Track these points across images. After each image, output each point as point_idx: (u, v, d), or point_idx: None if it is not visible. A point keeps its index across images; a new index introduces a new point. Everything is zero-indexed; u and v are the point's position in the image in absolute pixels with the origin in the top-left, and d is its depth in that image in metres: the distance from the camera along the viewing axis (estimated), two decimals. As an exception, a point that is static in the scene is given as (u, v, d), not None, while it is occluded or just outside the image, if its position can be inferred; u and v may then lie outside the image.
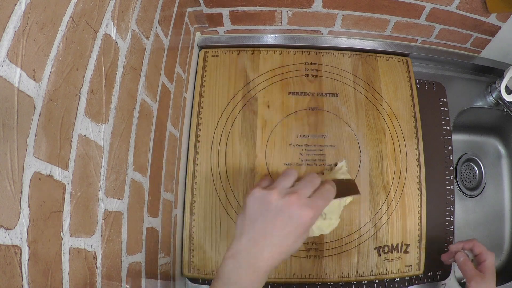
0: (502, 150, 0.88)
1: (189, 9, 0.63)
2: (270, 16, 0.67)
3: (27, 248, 0.25)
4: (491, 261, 0.54)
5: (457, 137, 0.86)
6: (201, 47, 0.72)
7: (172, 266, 0.58)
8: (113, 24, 0.37)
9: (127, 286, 0.41)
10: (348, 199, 0.60)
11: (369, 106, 0.68)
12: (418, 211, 0.64)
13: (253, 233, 0.38)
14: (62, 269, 0.29)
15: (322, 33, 0.72)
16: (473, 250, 0.56)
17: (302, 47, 0.72)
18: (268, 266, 0.38)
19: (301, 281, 0.61)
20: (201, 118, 0.66)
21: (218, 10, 0.65)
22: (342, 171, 0.60)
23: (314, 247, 0.61)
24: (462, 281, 0.64)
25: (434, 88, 0.73)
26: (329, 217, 0.54)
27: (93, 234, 0.34)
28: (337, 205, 0.57)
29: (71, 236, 0.31)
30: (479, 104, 0.77)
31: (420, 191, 0.65)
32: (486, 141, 0.89)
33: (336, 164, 0.63)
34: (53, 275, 0.28)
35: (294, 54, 0.71)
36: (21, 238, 0.25)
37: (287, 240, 0.38)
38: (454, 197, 0.69)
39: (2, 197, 0.23)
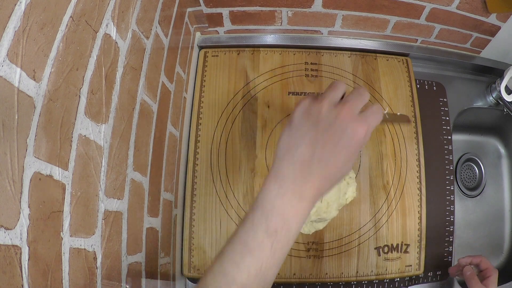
0: (502, 150, 0.88)
1: (189, 9, 0.63)
2: (270, 16, 0.67)
3: (27, 248, 0.25)
4: (495, 277, 0.57)
5: (457, 137, 0.86)
6: (201, 47, 0.72)
7: (172, 266, 0.58)
8: (113, 24, 0.37)
9: (127, 286, 0.41)
10: (349, 198, 0.60)
11: (369, 106, 0.68)
12: (418, 211, 0.64)
13: (300, 150, 0.33)
14: (62, 269, 0.29)
15: (322, 33, 0.72)
16: (480, 266, 0.59)
17: (302, 47, 0.72)
18: (315, 191, 0.33)
19: (301, 281, 0.61)
20: (201, 118, 0.66)
21: (218, 10, 0.65)
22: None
23: (314, 247, 0.61)
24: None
25: (434, 88, 0.73)
26: (326, 201, 0.55)
27: (93, 234, 0.34)
28: (336, 196, 0.57)
29: (71, 236, 0.31)
30: (479, 104, 0.77)
31: (420, 191, 0.65)
32: (486, 141, 0.89)
33: None
34: (53, 275, 0.28)
35: (294, 54, 0.71)
36: (21, 238, 0.25)
37: (339, 158, 0.33)
38: (454, 197, 0.69)
39: (2, 197, 0.23)
